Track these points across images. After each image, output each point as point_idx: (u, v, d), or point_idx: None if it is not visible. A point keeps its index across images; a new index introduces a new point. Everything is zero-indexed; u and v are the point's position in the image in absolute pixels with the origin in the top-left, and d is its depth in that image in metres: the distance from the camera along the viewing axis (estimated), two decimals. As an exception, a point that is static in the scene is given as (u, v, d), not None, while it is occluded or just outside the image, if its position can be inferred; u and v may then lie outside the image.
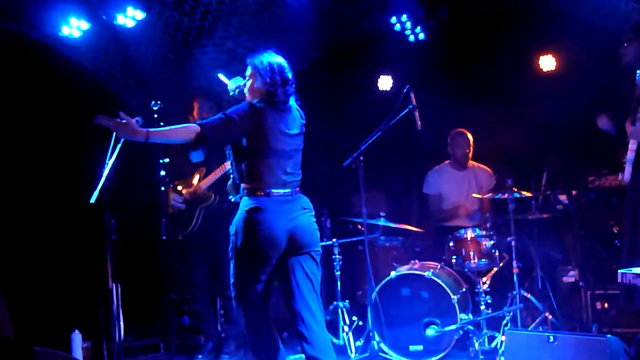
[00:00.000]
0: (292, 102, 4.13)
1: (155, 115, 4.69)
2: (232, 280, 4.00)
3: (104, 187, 4.30)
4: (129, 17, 6.05)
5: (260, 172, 3.92)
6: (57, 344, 5.37)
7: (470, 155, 6.51)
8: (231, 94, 4.18)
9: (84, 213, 4.84)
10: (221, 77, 4.27)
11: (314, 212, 4.11)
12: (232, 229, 3.96)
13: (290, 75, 4.07)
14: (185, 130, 3.72)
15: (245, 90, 4.11)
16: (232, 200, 4.14)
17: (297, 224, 3.97)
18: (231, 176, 4.14)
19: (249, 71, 4.10)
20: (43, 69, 6.23)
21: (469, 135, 6.50)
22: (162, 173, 4.63)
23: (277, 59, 4.06)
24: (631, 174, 4.87)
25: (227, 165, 5.29)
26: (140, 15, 6.06)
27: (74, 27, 6.06)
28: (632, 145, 4.82)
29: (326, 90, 7.46)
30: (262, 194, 3.90)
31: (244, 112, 3.85)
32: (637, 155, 4.79)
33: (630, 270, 3.90)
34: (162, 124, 5.55)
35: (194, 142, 3.72)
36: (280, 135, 3.98)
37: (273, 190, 3.92)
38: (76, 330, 5.46)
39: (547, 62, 7.01)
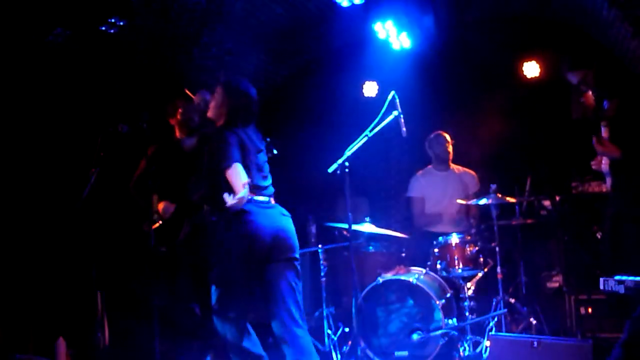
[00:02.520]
0: None
1: (140, 123, 4.67)
2: (214, 290, 4.01)
3: (89, 194, 4.30)
4: (114, 24, 6.05)
5: None
6: (41, 352, 5.35)
7: (450, 153, 6.53)
8: (197, 106, 4.30)
9: (69, 220, 4.83)
10: (186, 91, 4.38)
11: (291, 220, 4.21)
12: (215, 238, 4.00)
13: (254, 109, 4.22)
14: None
15: (210, 105, 4.23)
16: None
17: (281, 228, 4.08)
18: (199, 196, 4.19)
19: (218, 92, 4.21)
20: (26, 76, 6.20)
21: (446, 135, 6.53)
22: (149, 182, 4.60)
23: (246, 94, 4.21)
24: (611, 184, 4.91)
25: None
26: (125, 22, 6.06)
27: (59, 34, 6.05)
28: (605, 161, 4.87)
29: (311, 96, 7.48)
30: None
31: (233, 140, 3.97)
32: (612, 167, 4.82)
33: (613, 277, 3.93)
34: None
35: None
36: (253, 148, 4.11)
37: (254, 197, 3.99)
38: (60, 338, 5.43)
39: (531, 69, 7.06)
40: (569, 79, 4.97)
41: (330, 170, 4.85)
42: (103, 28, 6.04)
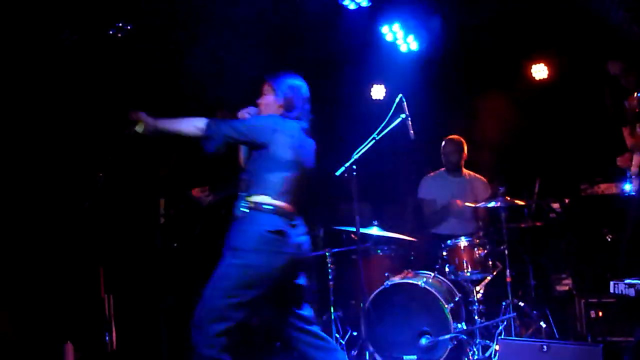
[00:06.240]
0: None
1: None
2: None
3: (97, 197, 4.30)
4: (121, 28, 6.07)
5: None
6: (49, 356, 5.35)
7: (463, 161, 6.50)
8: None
9: (77, 223, 4.83)
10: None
11: None
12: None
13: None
14: None
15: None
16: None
17: None
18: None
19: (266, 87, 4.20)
20: (34, 78, 6.21)
21: (462, 141, 6.50)
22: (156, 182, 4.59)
23: (298, 83, 4.24)
24: (637, 188, 4.84)
25: None
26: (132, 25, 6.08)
27: (67, 37, 6.07)
28: (635, 162, 4.79)
29: (319, 99, 7.46)
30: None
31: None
32: None
33: (623, 281, 3.91)
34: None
35: None
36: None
37: None
38: (68, 342, 5.43)
39: (540, 71, 7.04)
40: (608, 68, 4.84)
41: (337, 173, 4.84)
42: (111, 31, 6.05)
